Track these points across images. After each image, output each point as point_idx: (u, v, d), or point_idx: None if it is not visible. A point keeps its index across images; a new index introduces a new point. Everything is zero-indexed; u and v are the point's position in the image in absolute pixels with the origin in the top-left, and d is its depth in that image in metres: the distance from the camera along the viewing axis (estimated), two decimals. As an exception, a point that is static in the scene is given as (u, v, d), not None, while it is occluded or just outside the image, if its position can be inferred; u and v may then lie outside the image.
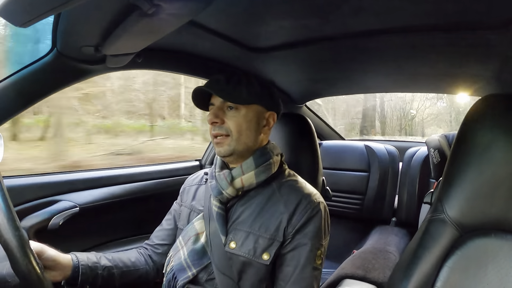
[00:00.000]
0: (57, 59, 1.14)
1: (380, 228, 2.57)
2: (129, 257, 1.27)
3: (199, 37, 1.27)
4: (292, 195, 1.15)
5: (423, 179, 2.56)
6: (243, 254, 1.09)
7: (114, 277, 1.19)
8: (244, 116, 1.14)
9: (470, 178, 0.97)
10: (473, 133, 0.99)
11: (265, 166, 1.17)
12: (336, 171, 2.78)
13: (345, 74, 1.93)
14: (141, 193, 1.80)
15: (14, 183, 1.37)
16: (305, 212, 1.10)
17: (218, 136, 1.14)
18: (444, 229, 0.99)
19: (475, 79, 1.73)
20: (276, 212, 1.12)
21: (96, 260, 1.16)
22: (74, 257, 1.11)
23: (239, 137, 1.14)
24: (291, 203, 1.12)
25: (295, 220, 1.10)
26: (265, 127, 1.21)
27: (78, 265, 1.09)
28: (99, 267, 1.15)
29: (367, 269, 1.72)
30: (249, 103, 1.15)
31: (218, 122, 1.13)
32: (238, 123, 1.13)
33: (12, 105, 1.17)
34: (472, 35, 1.16)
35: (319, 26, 1.18)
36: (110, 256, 1.22)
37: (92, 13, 0.90)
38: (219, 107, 1.15)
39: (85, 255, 1.15)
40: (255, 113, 1.17)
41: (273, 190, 1.18)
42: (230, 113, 1.14)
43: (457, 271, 0.93)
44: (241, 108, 1.14)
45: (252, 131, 1.17)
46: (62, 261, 1.06)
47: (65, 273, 1.07)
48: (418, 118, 5.24)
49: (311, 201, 1.13)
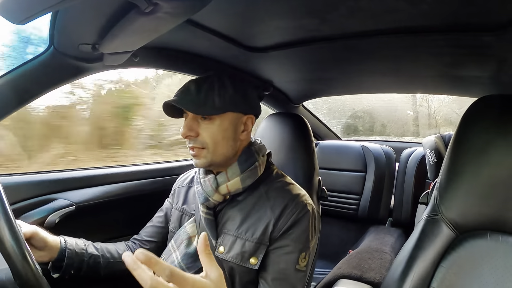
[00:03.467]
0: (54, 56, 1.14)
1: (376, 228, 2.57)
2: (117, 249, 1.27)
3: (196, 36, 1.26)
4: (279, 199, 1.13)
5: (419, 180, 2.57)
6: (231, 259, 1.09)
7: (99, 266, 1.19)
8: (219, 126, 1.10)
9: (466, 179, 0.98)
10: (470, 134, 1.00)
11: (250, 171, 1.15)
12: (333, 171, 2.79)
13: (342, 74, 1.93)
14: (137, 192, 1.79)
15: (10, 181, 1.36)
16: (291, 215, 1.09)
17: (194, 148, 1.11)
18: (440, 230, 1.00)
19: (472, 80, 1.74)
20: (263, 216, 1.11)
21: (84, 247, 1.17)
22: (62, 240, 1.12)
23: (215, 148, 1.11)
24: (278, 207, 1.11)
25: (281, 224, 1.09)
26: (243, 132, 1.17)
27: (66, 248, 1.10)
28: (85, 254, 1.15)
29: (363, 269, 1.72)
30: (223, 112, 1.11)
31: (192, 135, 1.10)
32: (213, 135, 1.10)
33: (8, 103, 1.16)
34: (469, 37, 1.16)
35: (316, 26, 1.18)
36: (98, 245, 1.23)
37: (89, 11, 0.90)
38: (192, 118, 1.11)
39: (73, 240, 1.16)
40: (230, 121, 1.13)
41: (260, 193, 1.16)
42: (204, 124, 1.10)
43: (453, 272, 0.93)
44: (215, 117, 1.10)
45: (229, 140, 1.13)
46: (50, 243, 1.07)
47: (51, 254, 1.08)
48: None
49: (297, 203, 1.12)
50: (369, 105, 5.18)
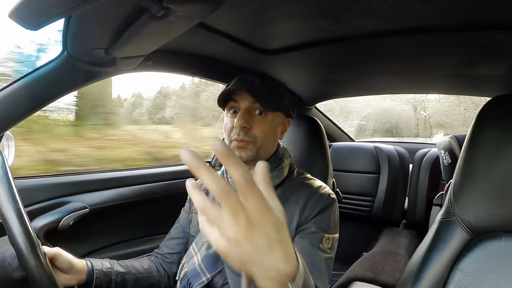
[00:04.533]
0: (68, 61, 1.15)
1: (390, 230, 2.56)
2: (142, 264, 1.27)
3: (208, 39, 1.27)
4: (302, 192, 1.16)
5: (434, 181, 2.53)
6: None
7: (127, 283, 1.19)
8: (271, 123, 1.15)
9: (481, 179, 0.96)
10: (484, 134, 0.98)
11: (278, 171, 1.18)
12: (346, 172, 2.76)
13: (355, 75, 1.92)
14: (150, 195, 1.80)
15: (25, 184, 1.38)
16: (316, 204, 1.12)
17: (243, 141, 1.12)
18: (454, 232, 0.98)
19: (485, 79, 1.72)
20: (288, 210, 1.12)
21: (110, 266, 1.16)
22: (88, 263, 1.11)
23: (262, 143, 1.13)
24: (301, 199, 1.13)
25: (307, 213, 1.11)
26: (282, 133, 1.23)
27: (93, 270, 1.10)
28: (112, 273, 1.15)
29: (376, 271, 1.71)
30: (278, 110, 1.16)
31: (247, 127, 1.12)
32: (264, 130, 1.13)
33: (22, 107, 1.18)
34: (482, 35, 1.15)
35: (329, 27, 1.18)
36: (123, 262, 1.23)
37: (102, 16, 0.91)
38: (247, 110, 1.13)
39: (99, 261, 1.15)
40: (279, 120, 1.18)
41: (283, 190, 1.18)
42: (257, 118, 1.13)
43: (468, 274, 0.92)
44: (269, 114, 1.14)
45: (274, 138, 1.18)
46: (77, 265, 1.06)
47: (79, 277, 1.07)
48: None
49: (321, 194, 1.15)
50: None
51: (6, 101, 1.15)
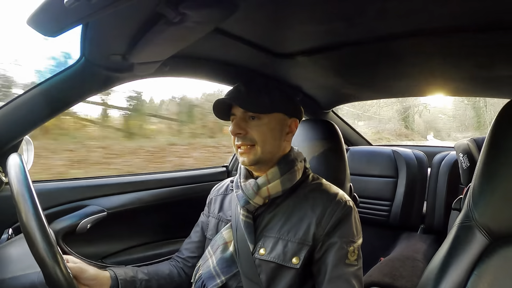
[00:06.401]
0: (86, 67, 1.17)
1: (408, 235, 2.52)
2: (163, 270, 1.29)
3: (225, 44, 1.28)
4: (318, 199, 1.15)
5: (452, 185, 2.50)
6: (273, 259, 1.10)
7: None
8: (267, 125, 1.15)
9: (500, 183, 0.94)
10: (503, 136, 0.96)
11: (290, 174, 1.17)
12: (364, 177, 2.73)
13: (372, 78, 1.91)
14: (168, 199, 1.82)
15: (44, 187, 1.41)
16: (333, 213, 1.11)
17: (242, 146, 1.15)
18: (473, 236, 0.96)
19: (505, 80, 1.69)
20: (304, 217, 1.12)
21: (133, 274, 1.18)
22: (112, 273, 1.13)
23: (263, 145, 1.14)
24: (318, 206, 1.13)
25: (324, 223, 1.10)
26: (288, 134, 1.22)
27: (117, 279, 1.12)
28: (137, 281, 1.17)
29: (394, 276, 1.69)
30: (271, 112, 1.15)
31: (241, 133, 1.14)
32: (262, 133, 1.14)
33: (41, 112, 1.20)
34: (500, 36, 1.13)
35: (345, 30, 1.18)
36: (145, 269, 1.25)
37: (119, 22, 0.92)
38: (241, 117, 1.15)
39: (122, 270, 1.17)
40: (277, 121, 1.17)
41: (299, 195, 1.18)
42: (252, 123, 1.14)
43: (486, 280, 0.90)
44: (263, 117, 1.14)
45: (276, 139, 1.17)
46: (101, 278, 1.08)
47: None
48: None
49: (338, 202, 1.14)
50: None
51: (25, 107, 1.18)
